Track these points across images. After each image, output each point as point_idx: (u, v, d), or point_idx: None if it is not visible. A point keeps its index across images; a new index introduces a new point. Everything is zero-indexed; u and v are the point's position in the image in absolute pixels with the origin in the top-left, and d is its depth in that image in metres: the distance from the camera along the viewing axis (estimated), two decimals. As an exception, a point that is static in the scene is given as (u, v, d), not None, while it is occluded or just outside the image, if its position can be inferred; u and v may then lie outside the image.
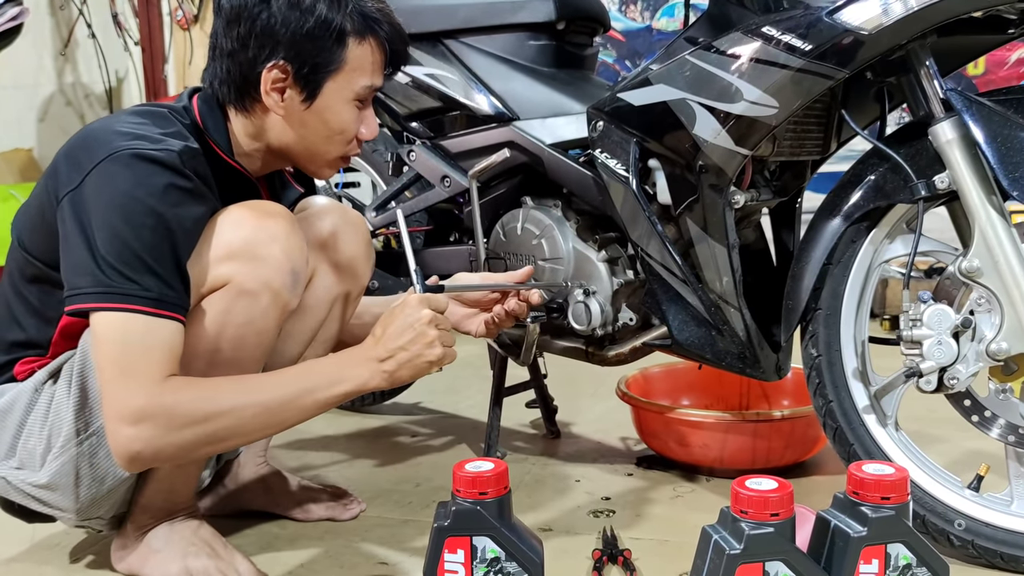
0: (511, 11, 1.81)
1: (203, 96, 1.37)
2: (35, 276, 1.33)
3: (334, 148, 1.38)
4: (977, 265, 1.33)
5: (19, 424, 1.33)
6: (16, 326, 1.36)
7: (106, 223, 1.19)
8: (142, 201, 1.20)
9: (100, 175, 1.21)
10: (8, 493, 1.37)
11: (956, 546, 1.39)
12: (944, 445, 1.91)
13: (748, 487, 1.06)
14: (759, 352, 1.57)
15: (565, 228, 1.72)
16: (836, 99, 1.55)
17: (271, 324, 1.32)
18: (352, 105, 1.35)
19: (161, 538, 1.38)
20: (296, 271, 1.32)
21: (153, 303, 1.19)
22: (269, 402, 1.24)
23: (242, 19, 1.29)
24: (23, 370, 1.35)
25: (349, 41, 1.31)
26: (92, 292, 1.19)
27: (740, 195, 1.53)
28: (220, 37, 1.32)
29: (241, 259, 1.27)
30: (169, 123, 1.31)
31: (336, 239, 1.48)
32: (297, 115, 1.33)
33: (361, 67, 1.33)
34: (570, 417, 2.20)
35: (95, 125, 1.31)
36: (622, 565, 1.40)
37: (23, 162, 3.75)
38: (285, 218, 1.32)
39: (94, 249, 1.19)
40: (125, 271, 1.18)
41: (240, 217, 1.30)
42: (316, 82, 1.31)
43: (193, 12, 4.17)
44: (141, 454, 1.20)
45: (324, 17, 1.29)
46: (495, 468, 1.15)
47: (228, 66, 1.32)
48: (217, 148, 1.35)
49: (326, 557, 1.48)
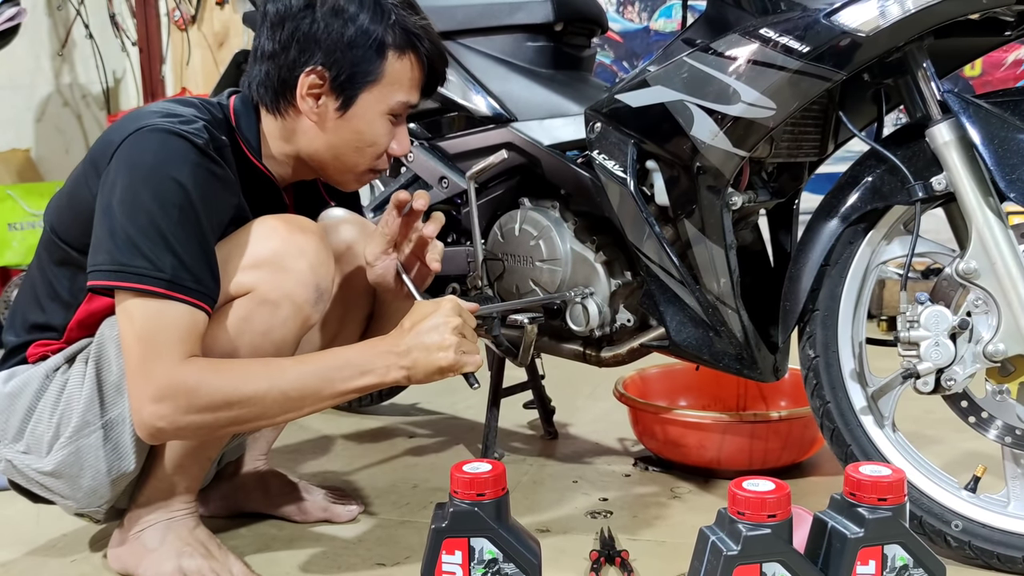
0: (509, 12, 1.81)
1: (240, 97, 1.39)
2: (62, 259, 1.35)
3: (363, 160, 1.38)
4: (974, 266, 1.34)
5: (28, 408, 1.34)
6: (38, 308, 1.38)
7: (131, 194, 1.21)
8: (170, 175, 1.21)
9: (129, 147, 1.23)
10: (13, 475, 1.38)
11: (953, 547, 1.39)
12: (941, 446, 1.92)
13: (745, 488, 1.06)
14: (756, 353, 1.57)
15: (563, 229, 1.72)
16: (834, 101, 1.55)
17: (289, 336, 1.32)
18: (386, 119, 1.35)
19: (156, 537, 1.38)
20: (320, 287, 1.32)
21: (165, 284, 1.19)
22: (291, 390, 1.24)
23: (286, 22, 1.31)
24: (35, 353, 1.37)
25: (389, 54, 1.32)
26: (107, 270, 1.21)
27: (738, 196, 1.53)
28: (263, 39, 1.33)
29: (267, 268, 1.28)
30: (203, 112, 1.33)
31: (352, 252, 1.49)
32: (330, 123, 1.34)
33: (399, 81, 1.34)
34: (568, 418, 2.20)
35: (131, 112, 1.33)
36: (619, 566, 1.40)
37: (20, 162, 3.75)
38: (316, 235, 1.33)
39: (114, 221, 1.21)
40: (143, 247, 1.19)
41: (272, 228, 1.31)
42: (352, 91, 1.32)
43: (191, 13, 4.16)
44: (163, 431, 1.23)
45: (366, 27, 1.30)
46: (493, 469, 1.15)
47: (267, 68, 1.33)
48: (246, 147, 1.36)
49: (323, 558, 1.48)
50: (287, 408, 1.25)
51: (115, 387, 1.30)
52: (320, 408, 1.28)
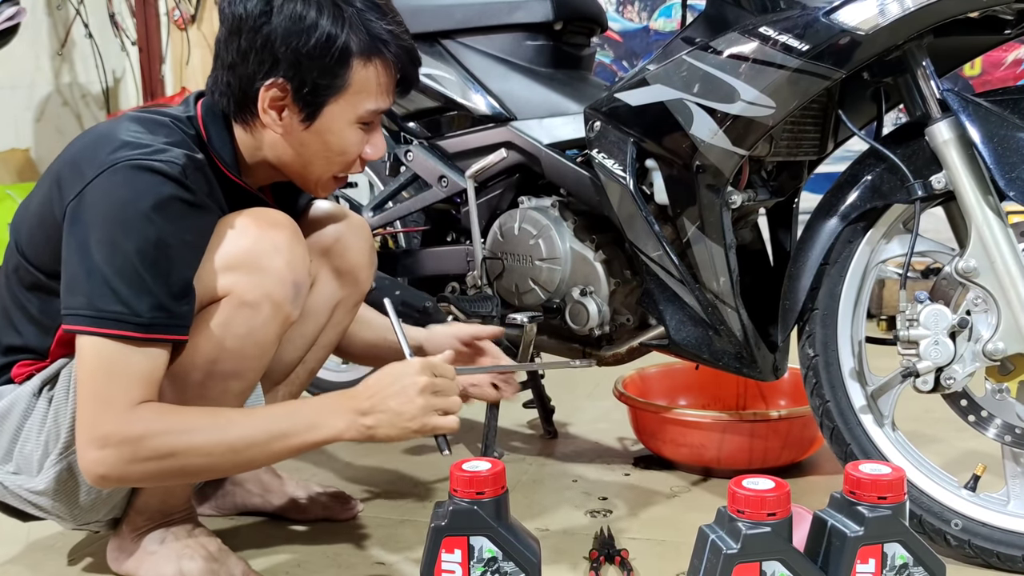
0: (508, 11, 1.81)
1: (206, 104, 1.33)
2: (33, 284, 1.30)
3: (334, 169, 1.34)
4: (974, 265, 1.34)
5: (16, 429, 1.31)
6: (13, 331, 1.33)
7: (105, 236, 1.17)
8: (143, 214, 1.16)
9: (101, 186, 1.18)
10: (4, 497, 1.35)
11: (952, 546, 1.39)
12: (940, 445, 1.92)
13: (745, 487, 1.06)
14: (756, 352, 1.57)
15: (562, 228, 1.72)
16: (833, 99, 1.55)
17: (271, 336, 1.29)
18: (355, 127, 1.30)
19: (156, 540, 1.38)
20: (298, 283, 1.29)
21: (142, 328, 1.16)
22: (238, 443, 1.20)
23: (243, 31, 1.25)
24: (20, 373, 1.33)
25: (353, 62, 1.26)
26: (83, 315, 1.16)
27: (737, 195, 1.53)
28: (221, 47, 1.28)
29: (243, 270, 1.25)
30: (173, 133, 1.27)
31: (339, 245, 1.47)
32: (296, 135, 1.29)
33: (366, 90, 1.28)
34: (567, 417, 2.20)
35: (98, 130, 1.29)
36: (619, 565, 1.40)
37: (20, 162, 3.75)
38: (288, 228, 1.29)
39: (90, 264, 1.16)
40: (120, 290, 1.15)
41: (243, 226, 1.27)
42: (316, 104, 1.27)
43: (190, 12, 4.16)
44: (106, 477, 1.19)
45: (327, 35, 1.23)
46: (492, 468, 1.15)
47: (228, 78, 1.28)
48: (220, 163, 1.32)
49: (323, 557, 1.48)
50: (235, 460, 1.22)
51: None
52: (270, 463, 1.25)
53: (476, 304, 1.76)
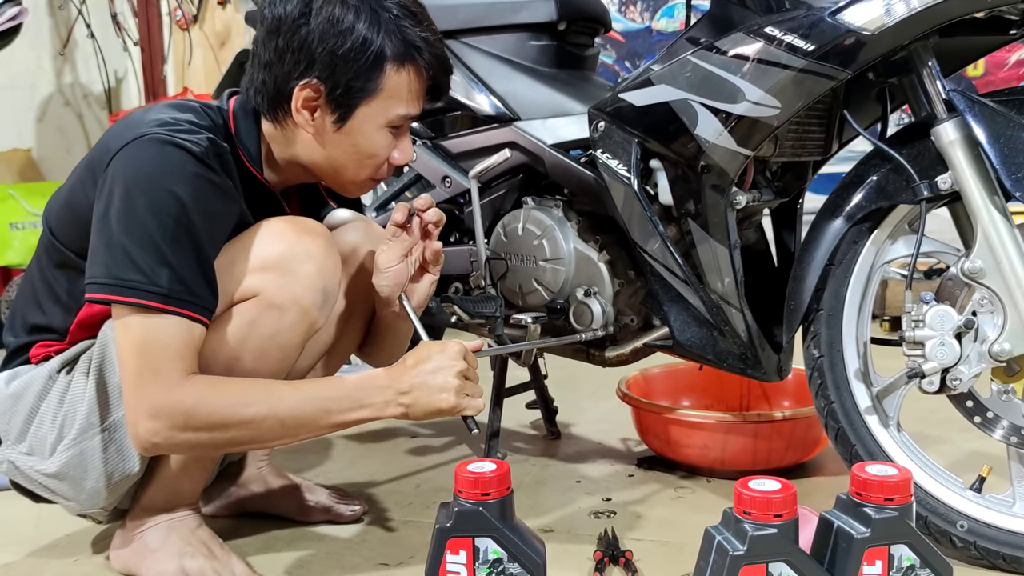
0: (512, 11, 1.81)
1: (240, 100, 1.37)
2: (61, 262, 1.33)
3: (363, 172, 1.36)
4: (980, 266, 1.33)
5: (31, 409, 1.33)
6: (38, 309, 1.36)
7: (127, 206, 1.19)
8: (166, 187, 1.19)
9: (126, 157, 1.22)
10: (15, 476, 1.38)
11: (958, 547, 1.39)
12: (946, 446, 1.91)
13: (751, 488, 1.06)
14: (760, 353, 1.56)
15: (566, 229, 1.71)
16: (838, 100, 1.54)
17: (296, 340, 1.31)
18: (385, 131, 1.33)
19: (159, 537, 1.38)
20: (327, 291, 1.32)
21: (160, 298, 1.18)
22: (288, 418, 1.24)
23: (281, 31, 1.27)
24: (38, 354, 1.36)
25: (387, 67, 1.28)
26: (103, 283, 1.20)
27: (742, 196, 1.52)
28: (259, 46, 1.31)
29: (274, 272, 1.27)
30: (202, 118, 1.31)
31: (356, 255, 1.48)
32: (328, 135, 1.32)
33: (398, 95, 1.31)
34: (570, 418, 2.19)
35: (129, 116, 1.32)
36: (623, 566, 1.40)
37: (21, 162, 3.75)
38: (323, 237, 1.32)
39: (111, 233, 1.19)
40: (139, 260, 1.18)
41: (279, 231, 1.29)
42: (349, 105, 1.29)
43: (192, 12, 4.16)
44: (159, 446, 1.24)
45: (363, 39, 1.26)
46: (497, 469, 1.15)
47: (264, 76, 1.31)
48: (244, 156, 1.34)
49: (326, 558, 1.48)
50: (282, 434, 1.26)
51: (118, 390, 1.29)
52: (315, 436, 1.29)
53: (480, 305, 1.75)
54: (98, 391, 1.30)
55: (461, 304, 1.76)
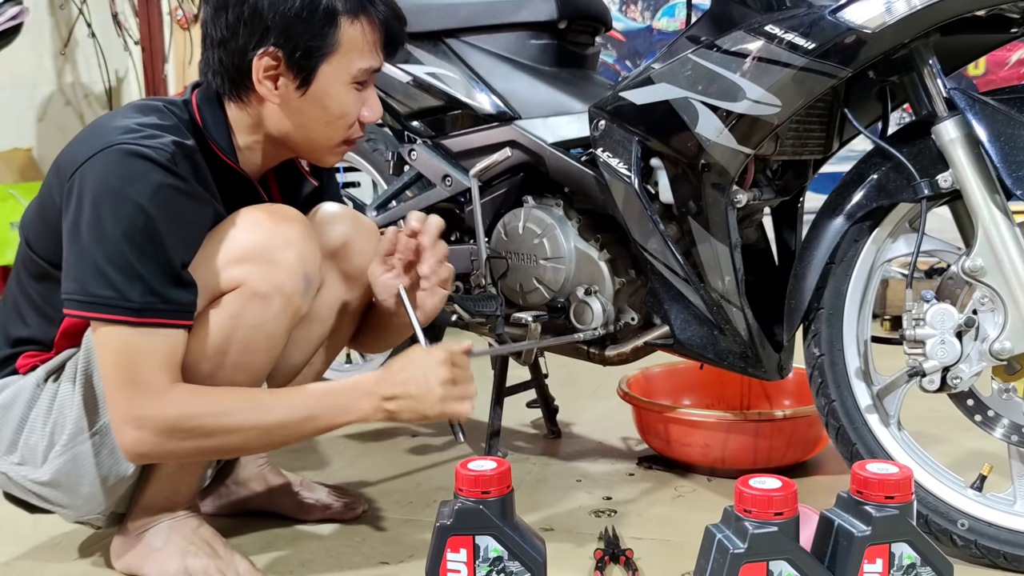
0: (512, 10, 1.81)
1: (202, 91, 1.35)
2: (40, 274, 1.33)
3: (336, 134, 1.35)
4: (980, 264, 1.33)
5: (20, 419, 1.33)
6: (20, 322, 1.36)
7: (95, 222, 1.18)
8: (132, 199, 1.18)
9: (92, 169, 1.20)
10: (8, 487, 1.37)
11: (959, 546, 1.39)
12: (946, 445, 1.91)
13: (752, 486, 1.06)
14: (761, 351, 1.56)
15: (567, 227, 1.71)
16: (838, 98, 1.54)
17: (281, 328, 1.31)
18: (351, 88, 1.32)
19: (161, 537, 1.38)
20: (309, 276, 1.31)
21: (134, 312, 1.18)
22: (272, 425, 1.25)
23: (230, 5, 1.26)
24: (25, 364, 1.35)
25: (341, 21, 1.27)
26: (78, 300, 1.20)
27: (742, 194, 1.52)
28: (209, 25, 1.29)
29: (254, 262, 1.27)
30: (166, 118, 1.29)
31: (347, 247, 1.47)
32: (294, 103, 1.30)
33: (357, 48, 1.30)
34: (571, 417, 2.19)
35: (96, 122, 1.31)
36: (624, 565, 1.40)
37: (22, 162, 3.75)
38: (301, 223, 1.32)
39: (83, 248, 1.19)
40: (110, 275, 1.17)
41: (256, 220, 1.29)
42: (310, 67, 1.28)
43: (193, 11, 4.16)
44: (146, 455, 1.25)
45: None
46: (498, 467, 1.15)
47: (220, 55, 1.29)
48: (215, 147, 1.33)
49: (327, 557, 1.48)
50: (268, 441, 1.29)
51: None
52: (297, 441, 1.32)
53: (480, 303, 1.75)
54: (86, 396, 1.29)
55: (461, 303, 1.76)
